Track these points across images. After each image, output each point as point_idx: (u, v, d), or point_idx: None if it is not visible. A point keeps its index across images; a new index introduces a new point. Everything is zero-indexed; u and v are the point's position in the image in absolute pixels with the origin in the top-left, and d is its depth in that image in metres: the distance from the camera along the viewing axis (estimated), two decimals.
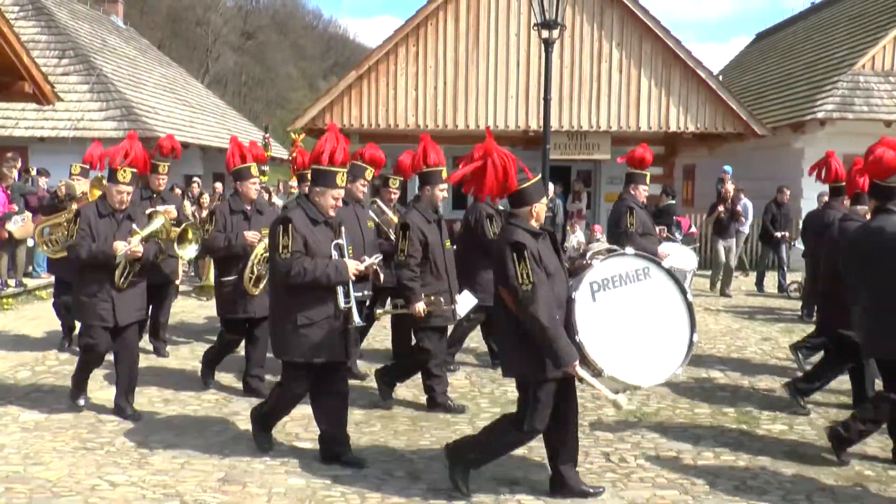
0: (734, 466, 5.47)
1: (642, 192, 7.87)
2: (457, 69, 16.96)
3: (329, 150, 5.13)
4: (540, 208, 4.72)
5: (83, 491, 4.86)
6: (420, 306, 6.19)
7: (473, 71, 16.94)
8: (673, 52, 16.84)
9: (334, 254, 5.19)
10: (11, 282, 11.64)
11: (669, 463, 5.49)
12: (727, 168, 15.40)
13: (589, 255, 6.16)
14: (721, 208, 13.59)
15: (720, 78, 19.84)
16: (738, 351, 9.17)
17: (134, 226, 6.24)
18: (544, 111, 10.62)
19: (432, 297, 6.25)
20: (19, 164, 12.67)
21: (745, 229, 14.67)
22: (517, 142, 17.81)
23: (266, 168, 15.49)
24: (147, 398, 6.86)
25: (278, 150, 30.37)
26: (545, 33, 10.45)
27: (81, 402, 6.63)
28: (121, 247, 6.05)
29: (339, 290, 5.13)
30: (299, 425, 6.14)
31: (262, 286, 6.72)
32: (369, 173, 7.25)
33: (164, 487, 4.94)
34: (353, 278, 5.20)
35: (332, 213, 5.22)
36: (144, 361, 8.12)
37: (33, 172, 13.43)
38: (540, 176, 4.88)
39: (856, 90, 17.90)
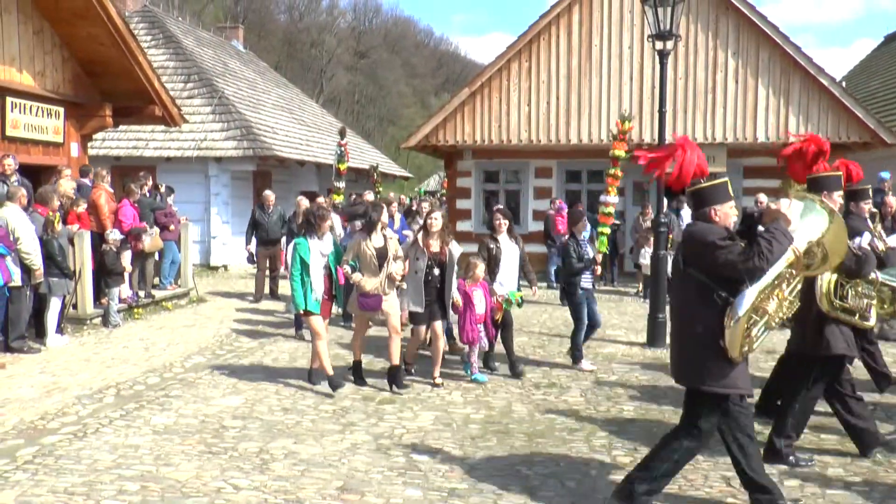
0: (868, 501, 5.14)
1: None
2: (569, 83, 16.87)
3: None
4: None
5: (209, 493, 5.05)
6: None
7: (586, 85, 16.81)
8: (792, 59, 16.21)
9: None
10: (141, 293, 12.26)
11: (793, 490, 5.22)
12: (885, 175, 12.12)
13: None
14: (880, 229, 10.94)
15: (843, 84, 18.94)
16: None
17: None
18: (660, 124, 10.38)
19: None
20: (150, 182, 13.38)
21: None
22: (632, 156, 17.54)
23: (341, 185, 14.75)
24: (267, 406, 7.08)
25: (387, 165, 30.97)
26: (659, 44, 10.24)
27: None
28: None
29: None
30: (415, 438, 6.21)
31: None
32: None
33: (285, 493, 5.07)
34: None
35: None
36: (262, 373, 8.43)
37: (162, 189, 14.16)
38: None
39: None
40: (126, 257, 11.27)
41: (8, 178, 10.07)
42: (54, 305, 9.73)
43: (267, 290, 13.93)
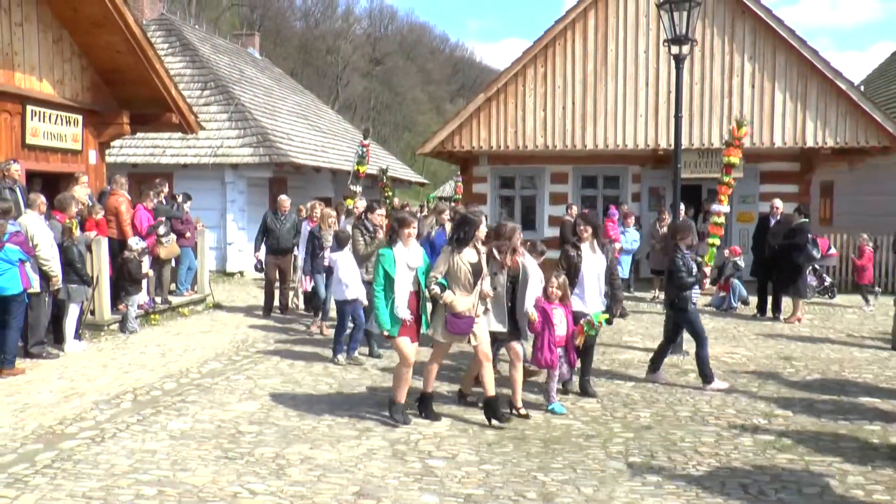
0: None
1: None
2: (585, 88, 16.84)
3: None
4: None
5: (226, 497, 5.06)
6: None
7: (602, 90, 16.77)
8: (809, 63, 16.08)
9: None
10: (158, 299, 12.32)
11: (812, 498, 5.18)
12: None
13: None
14: None
15: (861, 88, 18.78)
16: (887, 381, 8.58)
17: None
18: (675, 129, 10.33)
19: None
20: (166, 190, 13.46)
21: None
22: (647, 161, 17.49)
23: (357, 189, 13.61)
24: (283, 412, 7.09)
25: (403, 171, 31.01)
26: (675, 49, 10.19)
27: None
28: None
29: None
30: (432, 444, 6.20)
31: None
32: None
33: (302, 498, 5.07)
34: None
35: None
36: (278, 377, 8.45)
37: (179, 199, 14.23)
38: None
39: None
40: (146, 264, 11.33)
41: (16, 182, 10.13)
42: (73, 311, 9.81)
43: (277, 302, 13.15)
